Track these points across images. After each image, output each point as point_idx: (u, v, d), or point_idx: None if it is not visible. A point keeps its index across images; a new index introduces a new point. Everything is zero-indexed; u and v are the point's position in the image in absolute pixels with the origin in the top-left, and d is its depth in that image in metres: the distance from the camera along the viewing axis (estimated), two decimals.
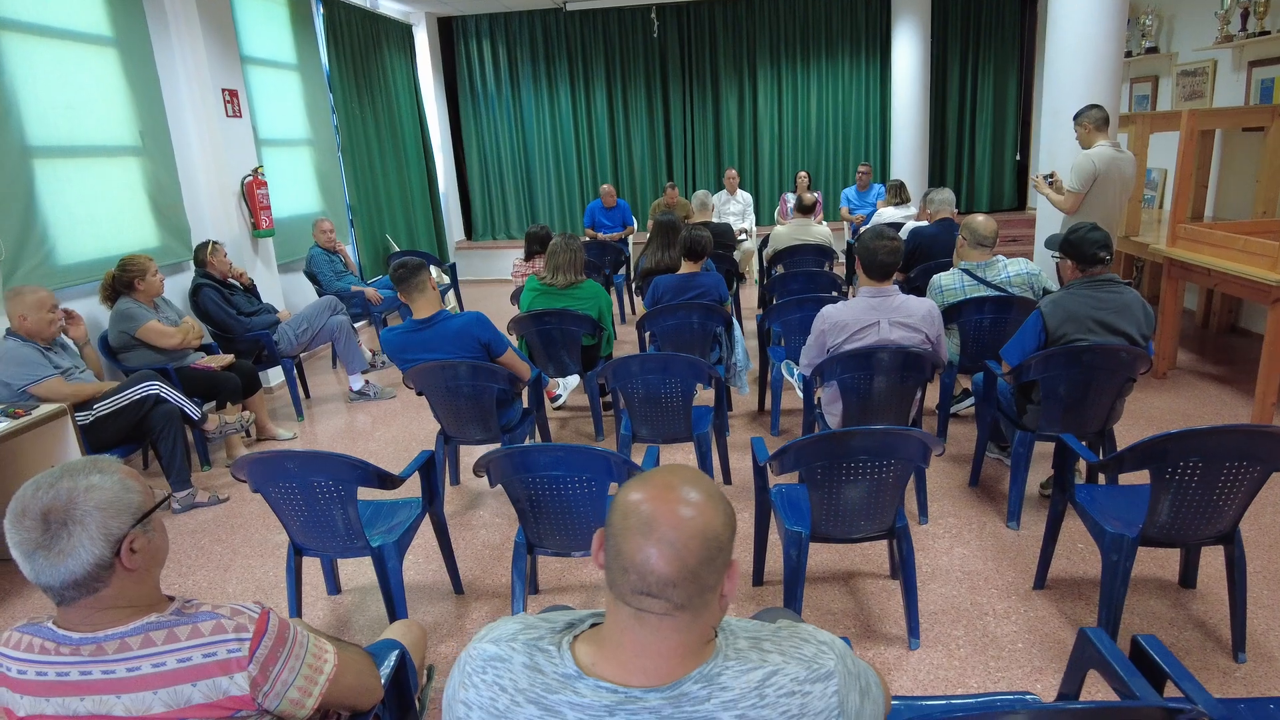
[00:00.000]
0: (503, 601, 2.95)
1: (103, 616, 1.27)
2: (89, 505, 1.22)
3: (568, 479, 2.33)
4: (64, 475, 1.24)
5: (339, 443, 4.67)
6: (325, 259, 6.10)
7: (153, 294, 4.32)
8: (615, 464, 2.31)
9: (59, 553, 1.21)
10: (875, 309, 3.09)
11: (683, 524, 0.99)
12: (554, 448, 2.31)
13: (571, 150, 9.77)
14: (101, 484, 1.24)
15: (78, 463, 1.28)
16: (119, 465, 1.30)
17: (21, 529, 1.22)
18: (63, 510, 1.21)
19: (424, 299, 3.29)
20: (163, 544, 1.35)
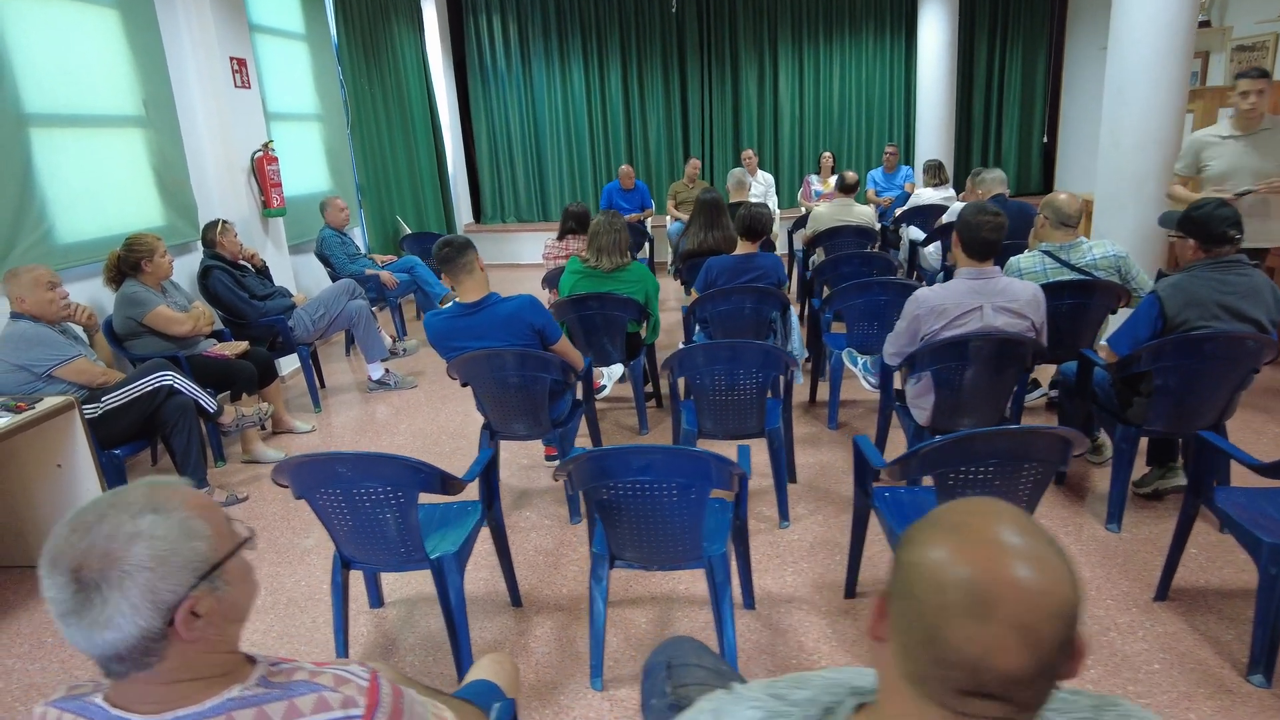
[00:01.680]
0: (567, 615, 2.66)
1: (167, 693, 0.96)
2: (133, 562, 0.90)
3: (661, 485, 2.03)
4: (107, 513, 0.92)
5: (361, 437, 4.36)
6: (337, 240, 5.76)
7: (161, 276, 3.99)
8: (717, 468, 2.02)
9: (92, 622, 0.90)
10: (977, 292, 2.80)
11: (1034, 601, 0.69)
12: (646, 449, 2.02)
13: (584, 130, 9.42)
14: (154, 530, 0.92)
15: (132, 492, 0.96)
16: (186, 497, 0.98)
17: (51, 585, 0.91)
18: (97, 568, 0.89)
19: (471, 281, 2.98)
20: (243, 595, 1.02)
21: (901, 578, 0.75)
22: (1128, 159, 4.64)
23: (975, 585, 0.70)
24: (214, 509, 0.99)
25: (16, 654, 2.62)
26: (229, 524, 1.01)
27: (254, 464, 4.06)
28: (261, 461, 4.06)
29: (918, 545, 0.76)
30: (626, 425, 4.28)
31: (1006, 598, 0.69)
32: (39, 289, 3.18)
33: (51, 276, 3.25)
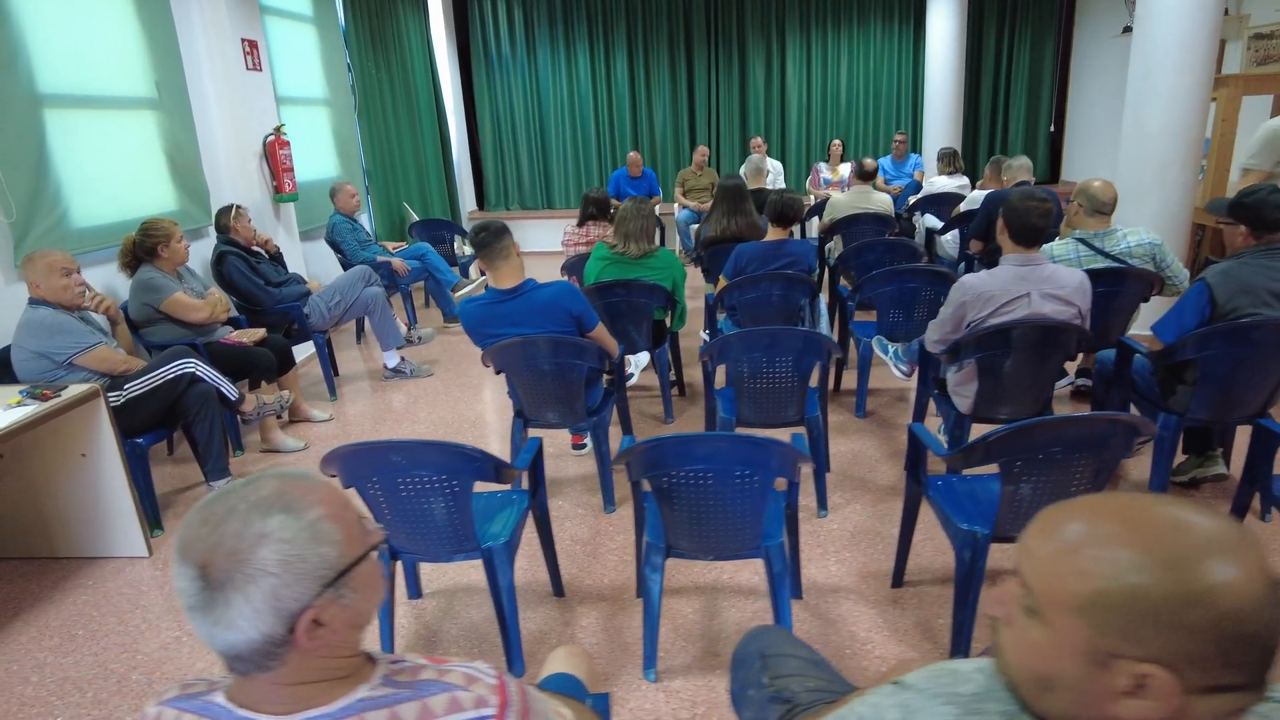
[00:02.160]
0: (611, 605, 2.62)
1: (293, 694, 0.91)
2: (258, 566, 0.85)
3: (726, 473, 1.99)
4: (237, 508, 0.87)
5: (380, 425, 4.29)
6: (348, 226, 5.68)
7: (177, 262, 3.91)
8: (782, 456, 1.98)
9: (215, 621, 0.85)
10: (1025, 279, 2.76)
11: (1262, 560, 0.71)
12: (711, 437, 1.98)
13: (589, 117, 9.33)
14: (283, 532, 0.86)
15: (264, 485, 0.90)
16: (320, 495, 0.92)
17: (180, 575, 0.87)
18: (223, 567, 0.84)
19: (508, 267, 2.92)
20: (369, 601, 0.95)
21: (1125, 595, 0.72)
22: (1152, 145, 4.61)
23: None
24: (346, 508, 0.93)
25: (48, 647, 2.56)
26: (360, 524, 0.95)
27: (273, 453, 4.00)
28: (281, 450, 3.99)
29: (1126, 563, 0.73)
30: (650, 414, 4.24)
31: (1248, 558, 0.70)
32: (53, 275, 3.10)
33: (66, 262, 3.16)
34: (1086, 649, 0.74)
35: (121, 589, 2.88)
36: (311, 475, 0.95)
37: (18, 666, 2.47)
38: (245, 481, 0.91)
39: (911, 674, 0.95)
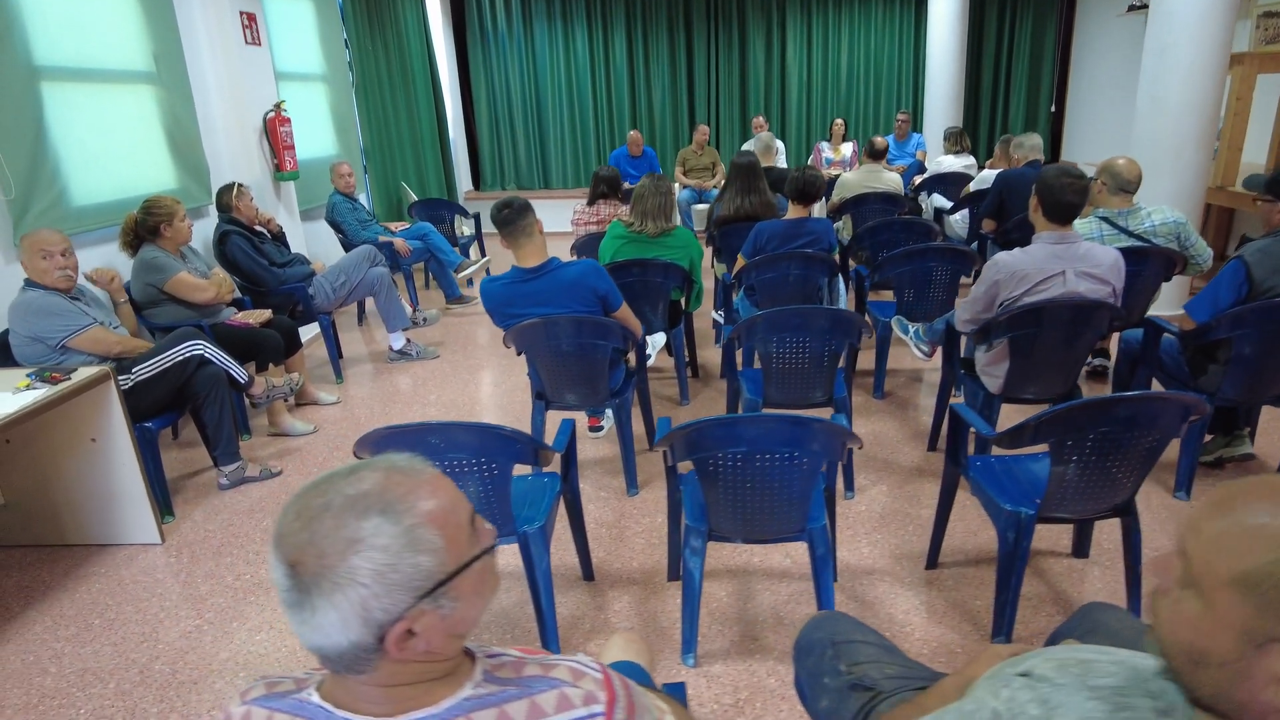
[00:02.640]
0: (641, 589, 2.57)
1: (391, 695, 0.85)
2: (348, 573, 0.78)
3: (775, 455, 1.94)
4: (332, 504, 0.80)
5: (390, 408, 4.22)
6: (348, 206, 5.57)
7: (180, 241, 3.80)
8: (832, 437, 1.93)
9: (303, 621, 0.79)
10: (1059, 257, 2.72)
11: None
12: (760, 418, 1.93)
13: (588, 96, 9.20)
14: (377, 537, 0.79)
15: (367, 476, 0.82)
16: (426, 489, 0.84)
17: (275, 568, 0.81)
18: (312, 570, 0.78)
19: (531, 245, 2.85)
20: (471, 609, 0.87)
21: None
22: (1168, 123, 4.57)
23: None
24: (454, 509, 0.85)
25: (64, 637, 2.49)
26: (470, 526, 0.87)
27: (281, 436, 3.92)
28: (289, 434, 3.91)
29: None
30: (665, 396, 4.18)
31: None
32: (34, 257, 2.99)
33: (46, 243, 3.01)
34: (1244, 628, 0.71)
35: (136, 576, 2.80)
36: (422, 466, 0.87)
37: (34, 657, 2.40)
38: (349, 470, 0.84)
39: (1035, 663, 0.90)
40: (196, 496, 3.36)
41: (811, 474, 1.97)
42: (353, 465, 0.86)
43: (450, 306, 6.08)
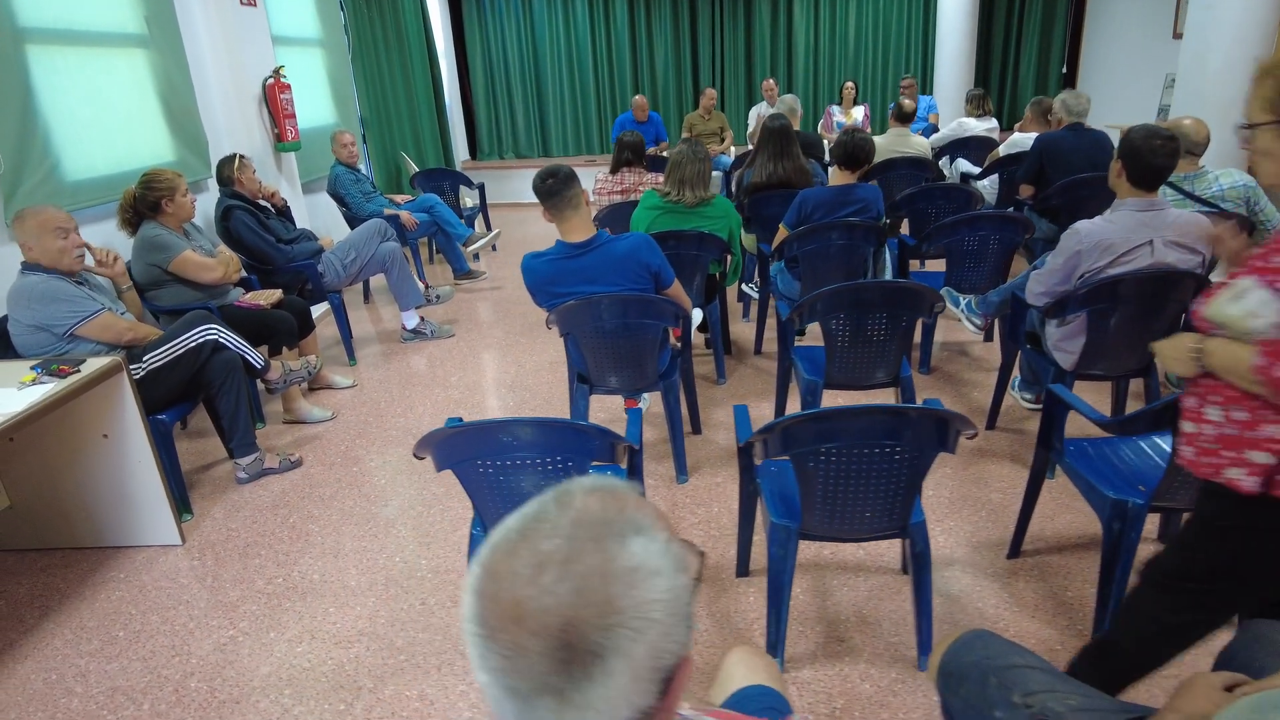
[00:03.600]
0: (710, 587, 2.41)
1: None
2: (642, 610, 0.60)
3: (884, 449, 1.76)
4: (577, 535, 0.62)
5: (409, 391, 4.01)
6: (351, 177, 5.30)
7: (183, 218, 3.55)
8: (944, 428, 1.76)
9: (568, 703, 0.60)
10: (1146, 225, 2.54)
11: None
12: (875, 409, 1.74)
13: (588, 60, 8.88)
14: (649, 560, 0.62)
15: (581, 501, 0.66)
16: (643, 503, 0.68)
17: (505, 648, 0.60)
18: (596, 624, 0.59)
19: (578, 218, 2.63)
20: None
21: None
22: (1213, 83, 4.38)
23: None
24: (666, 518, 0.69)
25: (87, 652, 2.29)
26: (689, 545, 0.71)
27: (297, 424, 3.71)
28: (306, 421, 3.70)
29: None
30: (700, 375, 3.99)
31: None
32: (46, 235, 2.74)
33: (62, 220, 2.80)
34: None
35: (158, 582, 2.61)
36: (611, 479, 0.70)
37: (58, 675, 2.21)
38: (552, 500, 0.66)
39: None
40: (213, 492, 3.16)
41: (920, 467, 1.80)
42: (541, 500, 0.67)
43: (459, 282, 5.84)
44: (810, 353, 3.04)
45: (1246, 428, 1.34)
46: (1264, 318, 1.30)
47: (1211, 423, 1.40)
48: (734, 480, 2.97)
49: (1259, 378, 1.26)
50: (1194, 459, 1.43)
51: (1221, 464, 1.37)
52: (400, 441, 3.47)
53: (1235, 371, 1.32)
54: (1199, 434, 1.43)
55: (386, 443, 3.47)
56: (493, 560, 0.63)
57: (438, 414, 3.71)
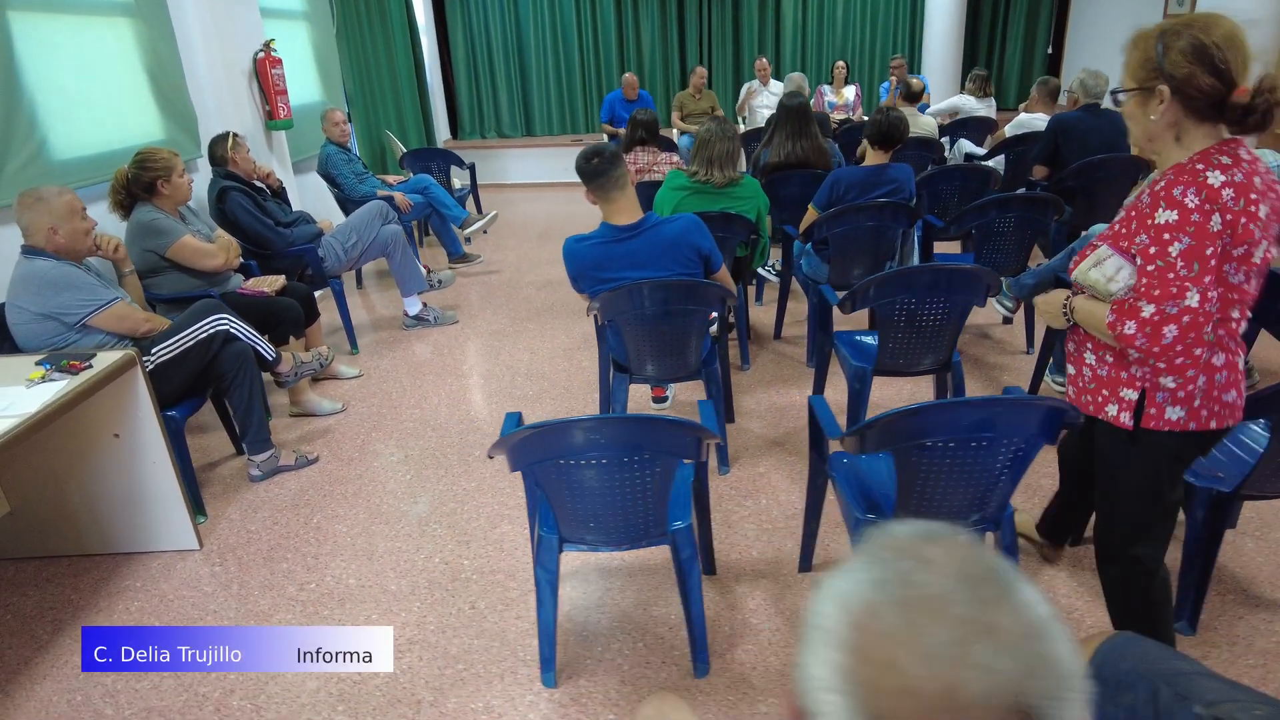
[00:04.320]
0: (772, 583, 2.32)
1: None
2: (1076, 669, 0.51)
3: (995, 444, 1.68)
4: (973, 593, 0.52)
5: (421, 379, 3.84)
6: (343, 157, 5.07)
7: (179, 200, 3.35)
8: (1052, 418, 1.68)
9: None
10: None
11: None
12: (985, 402, 1.66)
13: (573, 37, 8.66)
14: (1044, 604, 0.53)
15: (944, 550, 0.56)
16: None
17: None
18: (1051, 697, 0.49)
19: (625, 198, 2.50)
20: None
21: None
22: None
23: None
24: None
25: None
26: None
27: (305, 416, 3.53)
28: (315, 414, 3.53)
29: None
30: None
31: None
32: (74, 218, 2.57)
33: (79, 202, 2.62)
34: None
35: (179, 590, 2.44)
36: (924, 524, 0.60)
37: (83, 696, 2.04)
38: (904, 555, 0.55)
39: None
40: (226, 491, 2.98)
41: (1026, 459, 1.72)
42: (881, 557, 0.56)
43: (455, 265, 5.65)
44: (849, 337, 2.96)
45: (1116, 369, 1.55)
46: (1118, 282, 1.49)
47: (1089, 366, 1.62)
48: (778, 470, 2.88)
49: (1111, 332, 1.46)
50: (1076, 398, 1.65)
51: (1102, 402, 1.58)
52: (418, 434, 3.32)
53: (1095, 327, 1.53)
54: (1079, 375, 1.65)
55: (405, 435, 3.32)
56: (880, 644, 0.51)
57: (455, 405, 3.56)
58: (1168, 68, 1.39)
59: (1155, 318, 1.39)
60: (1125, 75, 1.46)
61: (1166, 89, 1.40)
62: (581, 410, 3.44)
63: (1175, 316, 1.37)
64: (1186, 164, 1.42)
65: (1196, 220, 1.36)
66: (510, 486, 2.88)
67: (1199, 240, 1.36)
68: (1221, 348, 1.49)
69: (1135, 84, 1.44)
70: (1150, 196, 1.45)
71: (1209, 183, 1.37)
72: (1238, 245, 1.38)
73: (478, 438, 3.26)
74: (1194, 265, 1.36)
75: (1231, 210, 1.36)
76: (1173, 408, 1.51)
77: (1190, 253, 1.36)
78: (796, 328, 4.23)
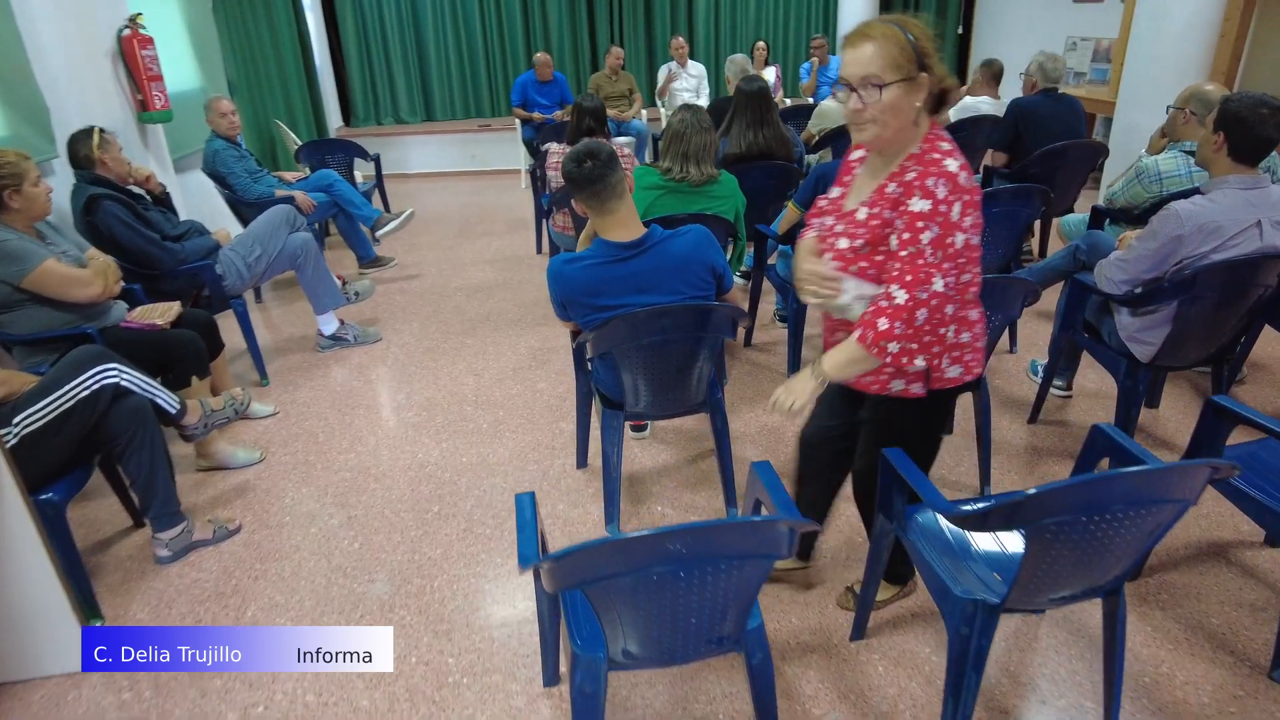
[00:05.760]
0: (823, 658, 1.99)
1: None
2: None
3: (1149, 514, 1.39)
4: None
5: (352, 418, 3.30)
6: (234, 153, 4.38)
7: (34, 215, 2.71)
8: (1211, 475, 1.40)
9: None
10: (1253, 205, 2.30)
11: None
12: (1145, 475, 1.36)
13: (474, 14, 8.02)
14: None
15: None
16: None
17: None
18: None
19: (625, 210, 2.09)
20: None
21: None
22: (1171, 46, 4.34)
23: None
24: None
25: None
26: None
27: (215, 470, 2.95)
28: (229, 466, 2.96)
29: None
30: None
31: None
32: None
33: None
34: None
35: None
36: None
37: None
38: None
39: None
40: (126, 581, 2.40)
41: (1169, 524, 1.45)
42: None
43: (366, 271, 5.04)
44: None
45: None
46: (848, 294, 1.62)
47: None
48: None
49: (866, 346, 1.54)
50: (856, 382, 1.72)
51: (886, 379, 1.68)
52: (358, 486, 2.81)
53: (853, 361, 1.60)
54: None
55: (343, 489, 2.80)
56: None
57: (397, 447, 3.06)
58: (926, 59, 1.48)
59: (909, 303, 1.48)
60: (883, 66, 1.47)
61: (927, 78, 1.49)
62: (553, 443, 3.01)
63: (925, 301, 1.48)
64: (922, 154, 1.52)
65: (944, 210, 1.46)
66: (483, 552, 2.44)
67: (945, 230, 1.47)
68: (974, 304, 1.65)
69: (900, 75, 1.47)
70: (903, 187, 1.51)
71: (949, 169, 1.48)
72: (968, 214, 1.49)
73: (432, 488, 2.78)
74: (938, 253, 1.47)
75: (969, 190, 1.49)
76: (952, 366, 1.66)
77: (937, 241, 1.47)
78: (764, 333, 3.93)
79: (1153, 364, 2.55)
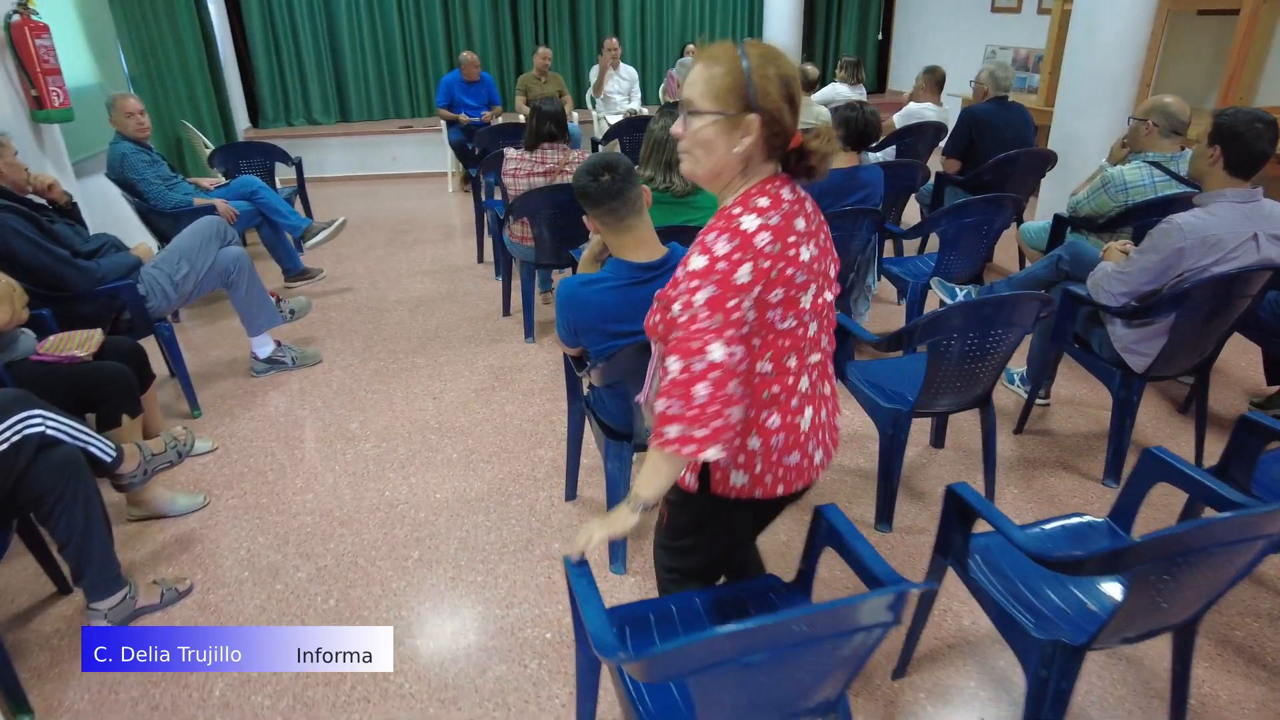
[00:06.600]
0: (870, 701, 1.87)
1: None
2: None
3: (1232, 554, 1.33)
4: None
5: (300, 452, 3.00)
6: (144, 158, 3.94)
7: None
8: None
9: None
10: (1249, 219, 2.33)
11: None
12: (1246, 520, 1.29)
13: (392, 12, 7.61)
14: None
15: None
16: None
17: None
18: None
19: (644, 227, 1.91)
20: None
21: None
22: (1105, 57, 4.45)
23: None
24: None
25: None
26: None
27: (151, 519, 2.61)
28: (168, 514, 2.62)
29: None
30: None
31: None
32: None
33: None
34: None
35: None
36: None
37: None
38: None
39: None
40: (57, 664, 2.05)
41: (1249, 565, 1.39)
42: None
43: (293, 284, 4.66)
44: (866, 370, 2.57)
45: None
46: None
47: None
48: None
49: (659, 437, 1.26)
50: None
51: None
52: (323, 533, 2.53)
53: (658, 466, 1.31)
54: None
55: (305, 536, 2.51)
56: None
57: (359, 484, 2.78)
58: (759, 98, 1.22)
59: (684, 375, 1.22)
60: (701, 93, 1.25)
61: (757, 119, 1.23)
62: (533, 473, 2.80)
63: (703, 373, 1.21)
64: (728, 207, 1.29)
65: (723, 269, 1.23)
66: (478, 603, 2.22)
67: (723, 290, 1.22)
68: (777, 406, 1.35)
69: (719, 108, 1.24)
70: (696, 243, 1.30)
71: (742, 229, 1.24)
72: (772, 290, 1.25)
73: (407, 531, 2.53)
74: (716, 316, 1.22)
75: (769, 256, 1.24)
76: (736, 472, 1.39)
77: (714, 302, 1.22)
78: None
79: (1146, 374, 2.57)
